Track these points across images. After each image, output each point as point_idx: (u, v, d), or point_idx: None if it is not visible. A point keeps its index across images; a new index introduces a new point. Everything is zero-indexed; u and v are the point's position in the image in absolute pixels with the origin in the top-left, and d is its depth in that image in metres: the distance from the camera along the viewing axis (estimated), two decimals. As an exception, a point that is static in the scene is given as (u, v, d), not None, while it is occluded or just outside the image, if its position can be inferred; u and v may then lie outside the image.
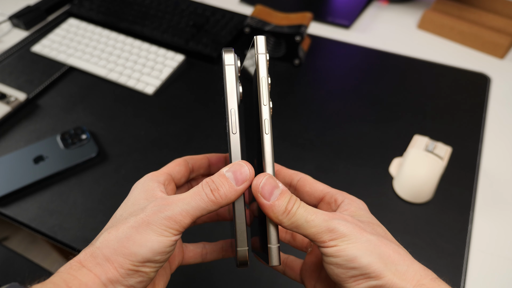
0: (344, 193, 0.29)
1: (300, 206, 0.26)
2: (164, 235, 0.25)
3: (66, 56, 0.74)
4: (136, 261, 0.24)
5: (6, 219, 0.53)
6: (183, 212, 0.25)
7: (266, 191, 0.26)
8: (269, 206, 0.26)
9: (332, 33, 0.81)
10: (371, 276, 0.23)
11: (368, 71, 0.72)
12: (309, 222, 0.25)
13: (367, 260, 0.23)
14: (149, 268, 0.25)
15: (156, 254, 0.25)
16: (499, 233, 0.51)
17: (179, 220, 0.25)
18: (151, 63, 0.72)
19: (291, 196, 0.26)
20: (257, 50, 0.25)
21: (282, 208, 0.25)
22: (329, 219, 0.25)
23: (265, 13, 0.71)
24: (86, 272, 0.24)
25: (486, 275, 0.47)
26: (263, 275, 0.47)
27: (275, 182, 0.26)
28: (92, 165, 0.58)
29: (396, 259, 0.24)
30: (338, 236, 0.24)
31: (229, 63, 0.26)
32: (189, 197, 0.26)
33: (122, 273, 0.24)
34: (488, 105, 0.66)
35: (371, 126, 0.63)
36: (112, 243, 0.25)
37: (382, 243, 0.24)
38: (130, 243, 0.24)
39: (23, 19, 0.80)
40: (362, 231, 0.25)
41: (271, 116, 0.26)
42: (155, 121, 0.64)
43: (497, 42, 0.73)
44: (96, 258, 0.25)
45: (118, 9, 0.82)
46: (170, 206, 0.25)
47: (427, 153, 0.53)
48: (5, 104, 0.64)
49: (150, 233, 0.24)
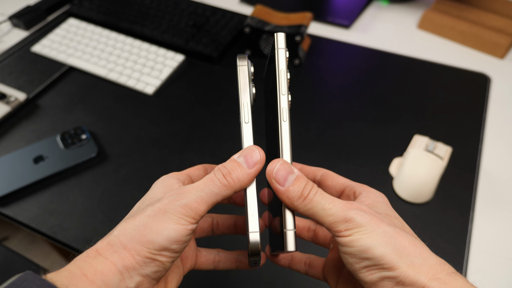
0: (364, 186, 0.29)
1: (317, 193, 0.25)
2: (181, 223, 0.25)
3: (66, 56, 0.74)
4: (153, 249, 0.24)
5: (6, 219, 0.53)
6: (198, 199, 0.25)
7: (280, 176, 0.26)
8: (283, 192, 0.25)
9: (332, 33, 0.81)
10: (384, 267, 0.23)
11: (368, 71, 0.72)
12: (326, 210, 0.25)
13: (381, 251, 0.23)
14: (165, 257, 0.25)
15: (172, 242, 0.25)
16: (499, 233, 0.51)
17: (195, 207, 0.25)
18: (151, 63, 0.72)
19: (307, 182, 0.26)
20: (277, 45, 0.28)
21: (297, 194, 0.25)
22: (346, 209, 0.25)
23: (265, 13, 0.71)
24: (102, 260, 0.24)
25: (486, 275, 0.47)
26: (263, 275, 0.47)
27: (289, 167, 0.26)
28: (92, 165, 0.58)
29: (411, 251, 0.23)
30: (354, 226, 0.24)
31: (242, 64, 0.29)
32: (202, 184, 0.26)
33: (139, 261, 0.24)
34: (488, 105, 0.66)
35: (371, 126, 0.63)
36: (129, 231, 0.25)
37: (398, 235, 0.24)
38: (147, 231, 0.24)
39: (23, 19, 0.80)
40: (379, 222, 0.24)
41: (289, 106, 0.28)
42: (155, 121, 0.64)
43: (497, 42, 0.73)
44: (113, 246, 0.25)
45: (118, 9, 0.82)
46: (185, 194, 0.25)
47: (427, 153, 0.52)
48: (5, 104, 0.64)
49: (166, 221, 0.25)
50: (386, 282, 0.23)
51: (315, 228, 0.34)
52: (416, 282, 0.22)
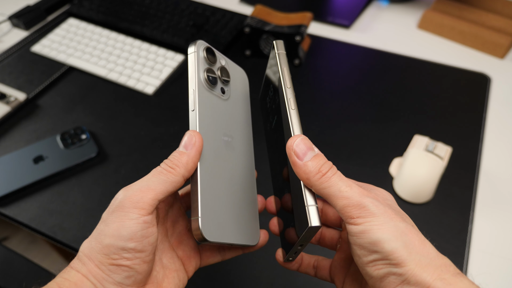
0: (372, 185, 0.29)
1: (335, 174, 0.25)
2: (129, 218, 0.25)
3: (66, 56, 0.74)
4: (111, 254, 0.25)
5: (6, 219, 0.53)
6: (142, 188, 0.26)
7: (300, 150, 0.26)
8: (301, 165, 0.25)
9: (332, 33, 0.81)
10: (392, 262, 0.23)
11: (368, 71, 0.72)
12: (342, 192, 0.24)
13: (391, 245, 0.23)
14: (128, 260, 0.25)
15: (126, 240, 0.25)
16: (499, 233, 0.50)
17: (140, 197, 0.25)
18: (151, 63, 0.72)
19: (326, 161, 0.26)
20: (277, 49, 0.31)
21: (315, 169, 0.25)
22: (363, 195, 0.24)
23: (265, 13, 0.71)
24: (75, 273, 0.25)
25: (486, 275, 0.47)
26: (263, 274, 0.47)
27: (310, 144, 0.26)
28: (92, 165, 0.58)
29: (421, 250, 0.23)
30: (367, 215, 0.24)
31: (191, 51, 0.31)
32: (148, 175, 0.27)
33: (104, 270, 0.25)
34: (488, 105, 0.66)
35: (371, 126, 0.62)
36: (92, 243, 0.26)
37: (409, 232, 0.23)
38: (103, 236, 0.25)
39: (23, 19, 0.80)
40: (393, 215, 0.24)
41: (294, 97, 0.29)
42: (155, 121, 0.64)
43: (497, 42, 0.73)
44: (81, 260, 0.25)
45: (118, 9, 0.82)
46: (129, 187, 0.26)
47: (427, 153, 0.52)
48: (4, 104, 0.64)
49: (115, 220, 0.25)
50: (392, 278, 0.23)
51: (321, 230, 0.34)
52: (422, 281, 0.22)
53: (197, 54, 0.31)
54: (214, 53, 0.32)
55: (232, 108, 0.34)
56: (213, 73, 0.32)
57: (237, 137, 0.33)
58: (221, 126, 0.32)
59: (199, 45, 0.31)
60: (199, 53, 0.31)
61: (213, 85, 0.31)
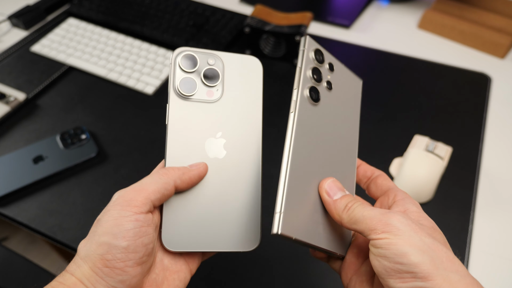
0: (406, 193, 0.30)
1: (360, 205, 0.27)
2: (122, 215, 0.25)
3: (65, 56, 0.74)
4: (104, 254, 0.25)
5: (6, 219, 0.53)
6: (136, 188, 0.27)
7: (330, 190, 0.29)
8: (332, 202, 0.28)
9: (332, 33, 0.80)
10: (418, 276, 0.22)
11: (368, 71, 0.72)
12: (365, 215, 0.26)
13: (418, 258, 0.22)
14: (121, 262, 0.25)
15: (119, 238, 0.25)
16: (499, 233, 0.50)
17: (133, 195, 0.26)
18: (151, 63, 0.72)
19: (352, 198, 0.28)
20: (302, 46, 0.32)
21: (343, 206, 0.28)
22: (385, 213, 0.25)
23: (265, 13, 0.70)
24: (69, 276, 0.25)
25: (486, 275, 0.47)
26: (263, 275, 0.47)
27: (340, 185, 0.30)
28: (92, 165, 0.58)
29: (449, 266, 0.23)
30: (392, 230, 0.24)
31: (171, 62, 0.32)
32: (144, 178, 0.28)
33: (98, 272, 0.25)
34: (488, 105, 0.66)
35: (371, 126, 0.62)
36: (87, 244, 0.26)
37: (436, 247, 0.23)
38: (96, 236, 0.25)
39: (23, 19, 0.79)
40: (418, 230, 0.24)
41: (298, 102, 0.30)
42: (155, 121, 0.64)
43: (498, 42, 0.73)
44: (76, 263, 0.26)
45: (118, 9, 0.82)
46: (123, 189, 0.27)
47: (427, 153, 0.52)
48: (4, 104, 0.64)
49: (109, 220, 0.26)
50: None
51: None
52: None
53: (173, 66, 0.32)
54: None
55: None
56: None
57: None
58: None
59: (182, 52, 0.32)
60: (177, 63, 0.32)
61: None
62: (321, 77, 0.32)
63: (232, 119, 0.33)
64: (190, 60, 0.32)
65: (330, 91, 0.33)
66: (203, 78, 0.32)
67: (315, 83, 0.31)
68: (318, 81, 0.32)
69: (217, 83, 0.33)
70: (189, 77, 0.32)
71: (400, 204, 0.28)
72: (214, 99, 0.32)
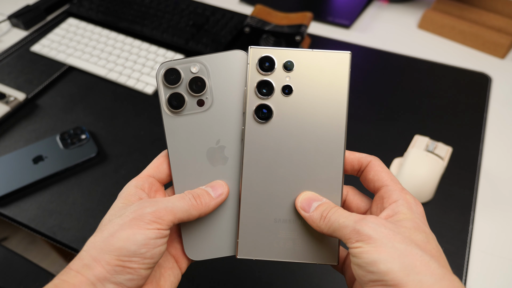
0: (404, 192, 0.28)
1: (334, 212, 0.27)
2: (147, 228, 0.26)
3: (65, 56, 0.74)
4: (121, 256, 0.25)
5: (5, 219, 0.53)
6: (167, 208, 0.27)
7: (306, 205, 0.30)
8: (308, 217, 0.29)
9: (332, 33, 0.80)
10: (388, 284, 0.22)
11: (368, 71, 0.72)
12: (341, 224, 0.26)
13: (387, 266, 0.23)
14: (136, 264, 0.25)
15: (140, 246, 0.25)
16: (499, 234, 0.50)
17: (162, 215, 0.27)
18: (150, 63, 0.72)
19: (328, 205, 0.29)
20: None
21: (318, 216, 0.28)
22: (359, 221, 0.25)
23: (265, 13, 0.70)
24: (74, 274, 0.25)
25: (486, 275, 0.47)
26: (263, 275, 0.47)
27: (314, 195, 0.30)
28: (92, 165, 0.58)
29: (422, 270, 0.22)
30: (364, 238, 0.24)
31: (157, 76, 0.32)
32: (173, 198, 0.28)
33: (109, 270, 0.25)
34: (488, 105, 0.66)
35: (371, 126, 0.62)
36: (98, 244, 0.26)
37: (410, 252, 0.23)
38: (115, 240, 0.25)
39: (22, 19, 0.79)
40: (392, 237, 0.24)
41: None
42: (155, 121, 0.64)
43: (498, 42, 0.73)
44: (83, 260, 0.25)
45: (118, 9, 0.82)
46: (154, 203, 0.27)
47: (427, 153, 0.52)
48: (4, 104, 0.64)
49: (133, 227, 0.26)
50: None
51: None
52: None
53: (159, 81, 0.31)
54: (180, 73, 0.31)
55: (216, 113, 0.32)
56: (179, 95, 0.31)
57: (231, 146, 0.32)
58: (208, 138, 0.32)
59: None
60: (161, 77, 0.31)
61: (179, 108, 0.31)
62: (271, 87, 0.30)
63: (228, 122, 0.32)
64: (173, 74, 0.31)
65: (289, 96, 0.30)
66: (189, 90, 0.31)
67: (263, 98, 0.30)
68: (268, 94, 0.30)
69: (204, 91, 0.31)
70: (175, 92, 0.31)
71: (390, 209, 0.27)
72: (205, 108, 0.31)
